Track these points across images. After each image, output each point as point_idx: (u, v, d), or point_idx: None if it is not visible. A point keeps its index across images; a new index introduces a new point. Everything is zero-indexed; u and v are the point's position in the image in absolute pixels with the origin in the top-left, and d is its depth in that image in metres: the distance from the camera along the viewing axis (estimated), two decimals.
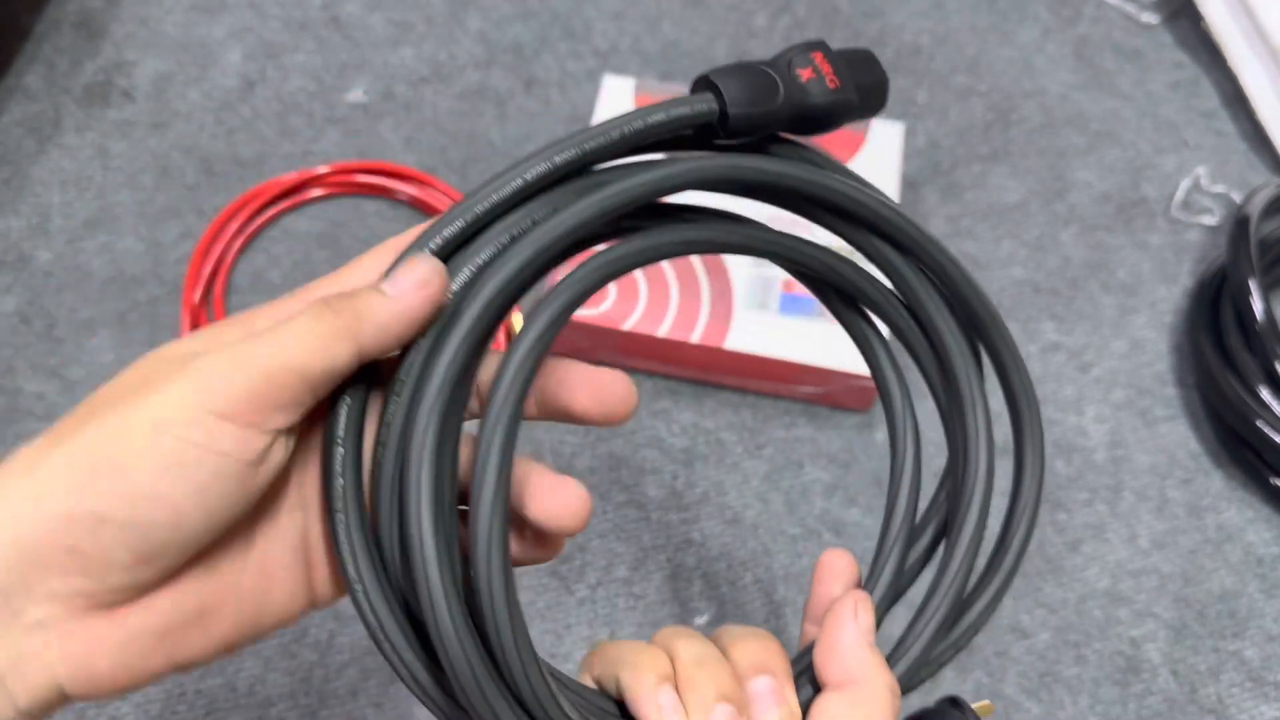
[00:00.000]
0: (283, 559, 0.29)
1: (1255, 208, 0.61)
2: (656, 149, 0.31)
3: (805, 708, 0.31)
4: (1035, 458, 0.36)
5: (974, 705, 0.34)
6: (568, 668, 0.51)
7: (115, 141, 0.66)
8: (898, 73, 0.72)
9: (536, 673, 0.28)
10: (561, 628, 0.52)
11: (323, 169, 0.64)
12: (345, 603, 0.53)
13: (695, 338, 0.56)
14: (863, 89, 0.33)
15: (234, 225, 0.62)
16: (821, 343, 0.56)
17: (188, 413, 0.25)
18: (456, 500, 0.29)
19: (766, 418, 0.58)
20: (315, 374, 0.26)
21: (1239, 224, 0.60)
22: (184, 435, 0.25)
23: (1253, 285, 0.58)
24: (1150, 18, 0.76)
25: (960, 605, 0.33)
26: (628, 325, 0.57)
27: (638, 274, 0.58)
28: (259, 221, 0.63)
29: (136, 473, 0.25)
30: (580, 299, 0.29)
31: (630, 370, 0.59)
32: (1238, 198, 0.68)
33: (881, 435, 0.58)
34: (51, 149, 0.65)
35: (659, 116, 0.29)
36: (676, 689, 0.30)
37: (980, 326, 0.35)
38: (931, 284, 0.35)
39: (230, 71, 0.69)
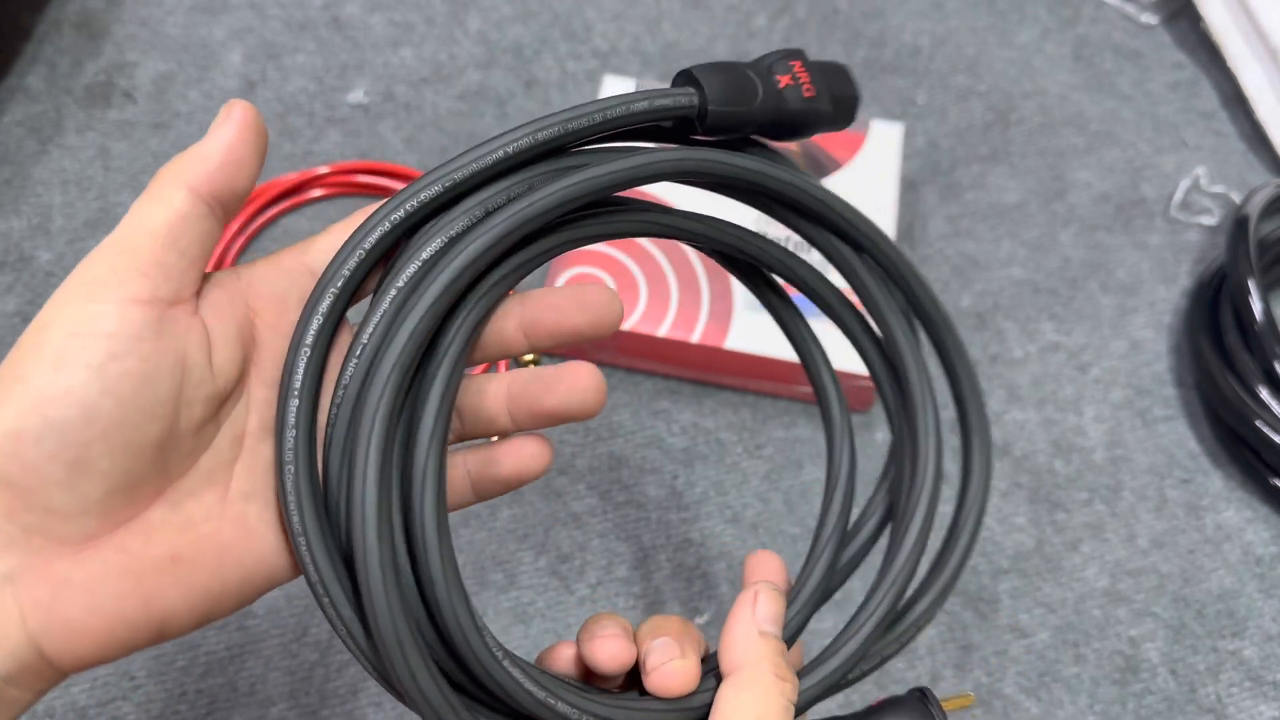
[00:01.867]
0: (262, 514, 0.29)
1: (1254, 208, 0.61)
2: (631, 139, 0.32)
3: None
4: (982, 454, 0.37)
5: (953, 695, 0.34)
6: None
7: (116, 142, 0.66)
8: (897, 73, 0.73)
9: (470, 622, 0.28)
10: (561, 627, 0.52)
11: (323, 169, 0.64)
12: None
13: (695, 338, 0.57)
14: (836, 100, 0.34)
15: (234, 225, 0.62)
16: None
17: (65, 308, 0.26)
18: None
19: (766, 418, 0.59)
20: (157, 225, 0.27)
21: (1238, 224, 0.61)
22: (66, 328, 0.25)
23: (1252, 285, 0.58)
24: (1150, 18, 0.76)
25: (902, 600, 0.34)
26: (628, 325, 0.57)
27: (638, 274, 0.58)
28: (259, 222, 0.63)
29: (33, 376, 0.25)
30: (526, 270, 0.31)
31: (630, 370, 0.60)
32: (1237, 198, 0.68)
33: (881, 435, 0.58)
34: (53, 149, 0.66)
35: (642, 105, 0.30)
36: None
37: (931, 327, 0.37)
38: (884, 283, 0.37)
39: (231, 72, 0.69)
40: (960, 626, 0.53)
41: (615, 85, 0.66)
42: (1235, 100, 0.72)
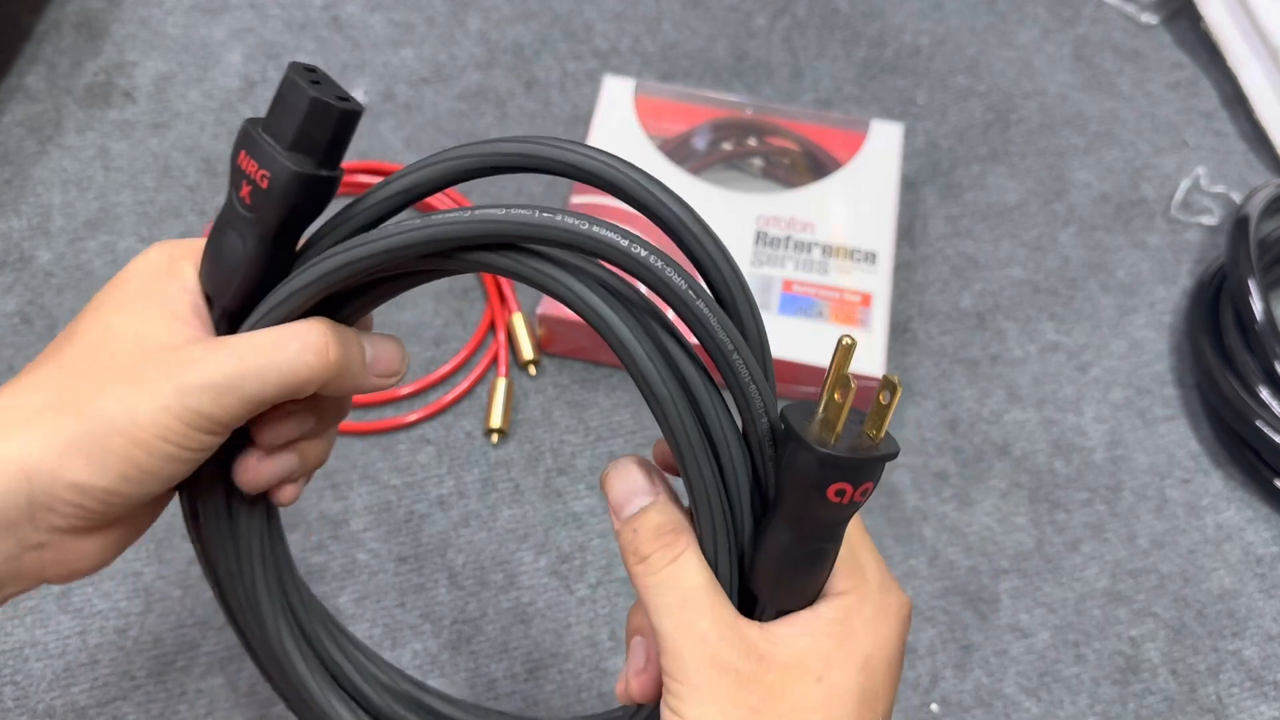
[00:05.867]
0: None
1: (1254, 208, 0.61)
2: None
3: None
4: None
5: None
6: (567, 667, 0.51)
7: (116, 142, 0.66)
8: (897, 73, 0.73)
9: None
10: (561, 627, 0.52)
11: None
12: (346, 602, 0.54)
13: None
14: (298, 143, 0.29)
15: None
16: (820, 343, 0.56)
17: (184, 425, 0.30)
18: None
19: None
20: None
21: (1238, 224, 0.61)
22: (181, 442, 0.30)
23: (1252, 285, 0.58)
24: (1149, 18, 0.76)
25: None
26: None
27: None
28: None
29: (144, 461, 0.30)
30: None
31: None
32: (1237, 198, 0.68)
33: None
34: (53, 149, 0.66)
35: None
36: None
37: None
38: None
39: (231, 72, 0.69)
40: (960, 626, 0.53)
41: (615, 85, 0.66)
42: (1235, 100, 0.72)
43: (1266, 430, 0.56)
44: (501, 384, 0.57)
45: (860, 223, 0.61)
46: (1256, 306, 0.57)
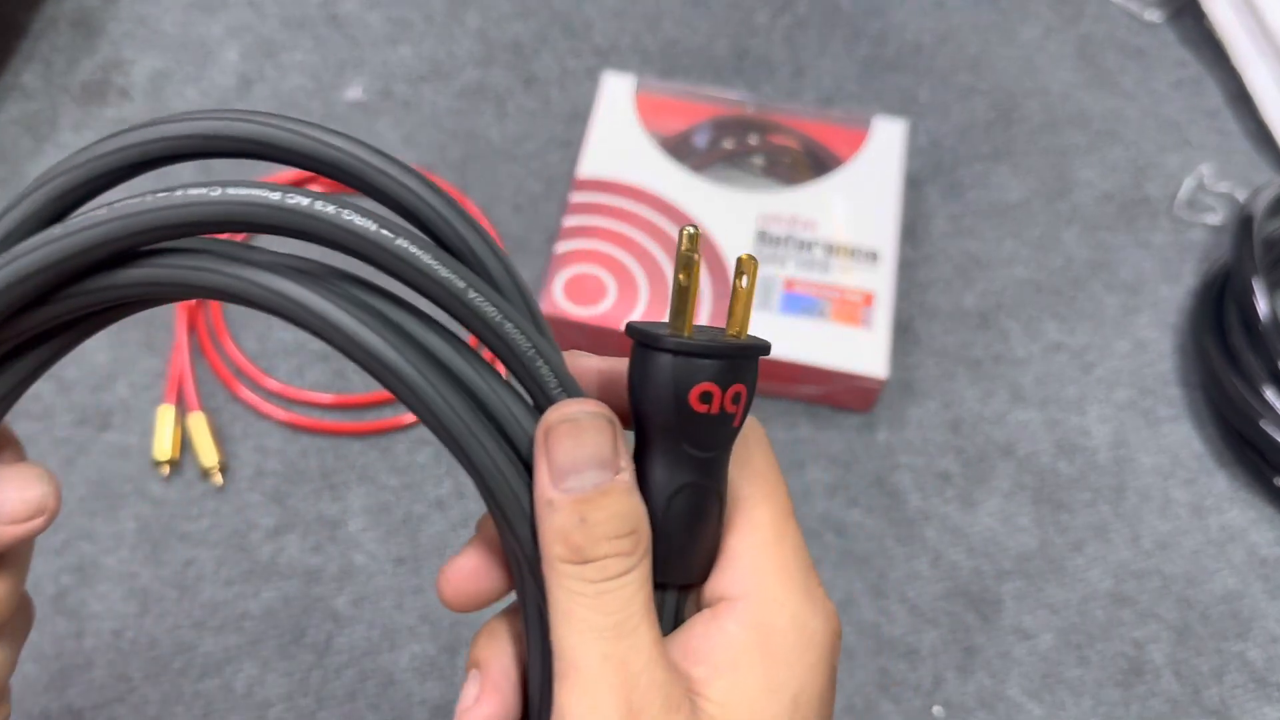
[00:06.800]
0: None
1: (1259, 207, 0.61)
2: None
3: None
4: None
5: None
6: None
7: None
8: (899, 71, 0.72)
9: None
10: None
11: None
12: (343, 604, 0.53)
13: None
14: None
15: None
16: (822, 343, 0.56)
17: None
18: None
19: (767, 418, 0.58)
20: None
21: (1243, 223, 0.60)
22: None
23: (1257, 284, 0.57)
24: (1153, 16, 0.76)
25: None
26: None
27: (637, 272, 0.58)
28: None
29: None
30: None
31: None
32: (1241, 197, 0.67)
33: (882, 435, 0.58)
34: (48, 147, 0.65)
35: None
36: None
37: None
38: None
39: (228, 70, 0.69)
40: (963, 629, 0.53)
41: (615, 82, 0.65)
42: (1240, 98, 0.72)
43: (1271, 431, 0.55)
44: None
45: (862, 221, 0.60)
46: (1261, 306, 0.57)
